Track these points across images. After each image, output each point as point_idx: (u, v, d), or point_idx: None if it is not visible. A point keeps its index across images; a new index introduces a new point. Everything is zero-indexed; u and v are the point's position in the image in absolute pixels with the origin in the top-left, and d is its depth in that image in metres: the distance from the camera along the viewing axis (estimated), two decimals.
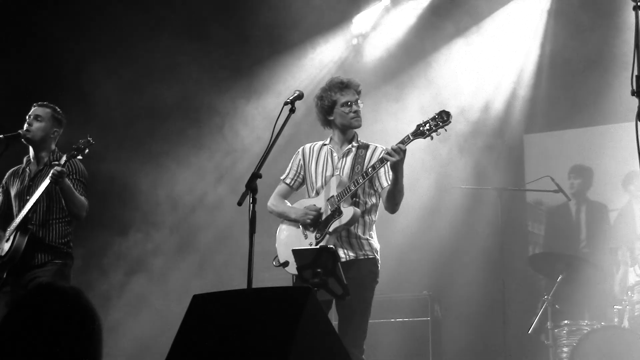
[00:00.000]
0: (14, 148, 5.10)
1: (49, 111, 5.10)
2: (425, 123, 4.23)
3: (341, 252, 4.39)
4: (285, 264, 4.41)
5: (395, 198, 4.37)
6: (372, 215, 4.54)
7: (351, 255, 4.43)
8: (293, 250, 4.10)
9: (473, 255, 7.65)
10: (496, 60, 7.84)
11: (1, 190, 5.22)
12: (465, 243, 7.71)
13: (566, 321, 6.15)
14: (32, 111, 5.10)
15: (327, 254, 3.88)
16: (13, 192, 5.11)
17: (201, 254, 7.95)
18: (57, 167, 4.75)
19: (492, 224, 7.20)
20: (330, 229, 4.38)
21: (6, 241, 4.91)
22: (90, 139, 4.89)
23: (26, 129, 5.05)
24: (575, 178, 7.77)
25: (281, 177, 4.75)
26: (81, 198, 4.96)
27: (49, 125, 5.09)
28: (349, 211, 4.37)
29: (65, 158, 4.85)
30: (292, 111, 4.29)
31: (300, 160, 4.70)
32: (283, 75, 7.93)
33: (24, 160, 5.21)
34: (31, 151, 5.15)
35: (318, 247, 4.19)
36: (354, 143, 4.60)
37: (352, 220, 4.37)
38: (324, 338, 3.13)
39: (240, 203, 3.88)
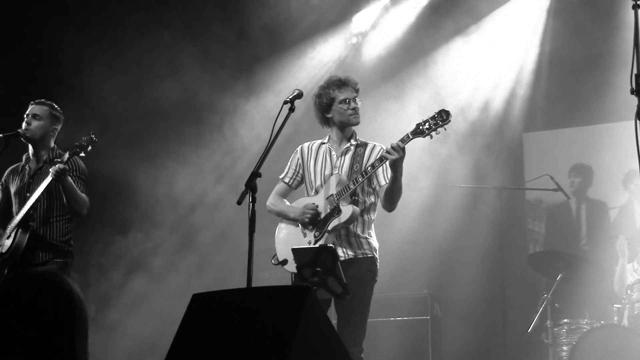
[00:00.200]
0: (13, 146, 5.09)
1: (47, 109, 5.10)
2: (424, 122, 4.22)
3: (340, 251, 4.39)
4: (283, 262, 4.41)
5: (393, 197, 4.37)
6: (371, 213, 4.54)
7: (350, 254, 4.43)
8: (293, 249, 4.10)
9: (473, 254, 7.64)
10: (495, 59, 7.83)
11: (1, 188, 5.22)
12: (464, 242, 7.70)
13: (566, 320, 6.14)
14: (30, 109, 5.10)
15: (327, 253, 3.88)
16: (13, 190, 5.11)
17: (201, 253, 7.95)
18: (60, 165, 4.75)
19: (492, 223, 7.19)
20: (329, 228, 4.38)
21: (7, 238, 4.91)
22: (92, 136, 4.90)
23: (25, 128, 5.05)
24: (575, 176, 7.77)
25: (280, 176, 4.75)
26: (82, 195, 4.97)
27: (48, 123, 5.09)
28: (348, 210, 4.37)
29: (67, 155, 4.85)
30: (292, 110, 4.28)
31: (298, 159, 4.70)
32: (282, 74, 7.93)
33: (23, 158, 5.21)
34: (30, 149, 5.15)
35: (317, 246, 4.19)
36: (353, 141, 4.60)
37: (351, 218, 4.37)
38: (324, 337, 3.13)
39: (239, 202, 3.88)
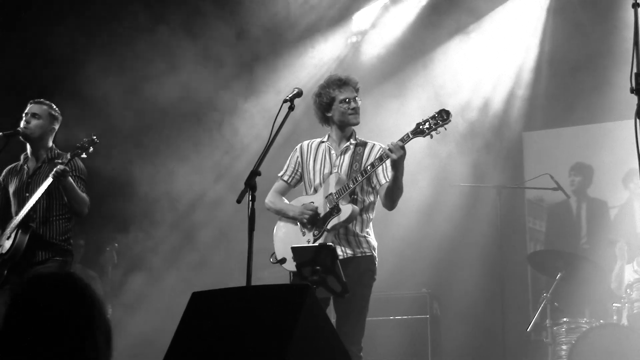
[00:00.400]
0: (10, 145, 5.09)
1: (46, 108, 5.10)
2: (425, 122, 4.22)
3: (339, 250, 4.38)
4: (282, 261, 4.40)
5: (393, 196, 4.37)
6: (370, 212, 4.54)
7: (349, 252, 4.43)
8: (292, 247, 4.10)
9: (472, 253, 7.64)
10: (495, 58, 7.83)
11: None
12: (464, 241, 7.70)
13: (565, 319, 6.14)
14: (29, 109, 5.10)
15: (326, 252, 3.88)
16: (11, 190, 5.10)
17: (200, 252, 7.95)
18: (61, 166, 4.75)
19: (491, 222, 7.19)
20: (328, 227, 4.38)
21: (7, 239, 4.91)
22: (94, 138, 4.90)
23: (24, 127, 5.04)
24: (575, 175, 7.77)
25: (279, 174, 4.75)
26: (83, 195, 4.97)
27: (47, 122, 5.09)
28: (348, 209, 4.37)
29: (69, 156, 4.85)
30: (291, 109, 4.28)
31: (298, 157, 4.70)
32: (282, 73, 7.92)
33: (22, 157, 5.20)
34: (28, 148, 5.14)
35: (317, 245, 4.19)
36: (352, 140, 4.60)
37: (351, 217, 4.37)
38: (323, 335, 3.13)
39: (239, 201, 3.88)
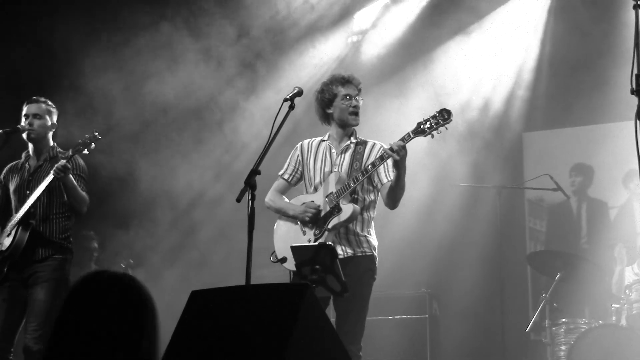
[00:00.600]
0: (10, 142, 5.09)
1: (44, 106, 5.11)
2: (426, 121, 4.22)
3: (339, 249, 4.38)
4: (283, 260, 4.40)
5: (396, 195, 4.38)
6: (371, 212, 4.54)
7: (349, 252, 4.43)
8: (292, 246, 4.10)
9: (471, 253, 7.64)
10: (496, 58, 7.83)
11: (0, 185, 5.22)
12: (463, 241, 7.70)
13: (564, 319, 6.14)
14: (28, 109, 5.07)
15: (326, 251, 3.88)
16: (12, 187, 5.10)
17: (200, 250, 7.95)
18: (62, 162, 4.75)
19: (491, 222, 7.19)
20: (329, 226, 4.38)
21: (7, 236, 4.91)
22: (96, 134, 4.90)
23: (30, 129, 5.03)
24: (576, 176, 7.77)
25: (279, 173, 4.75)
26: (83, 194, 4.97)
27: (48, 119, 5.10)
28: (349, 208, 4.37)
29: (70, 153, 4.85)
30: (292, 108, 4.28)
31: (298, 156, 4.70)
32: (283, 72, 7.91)
33: (23, 155, 5.20)
34: (30, 146, 5.14)
35: (317, 244, 4.19)
36: (352, 139, 4.60)
37: (352, 217, 4.37)
38: (322, 335, 3.13)
39: (239, 199, 3.88)
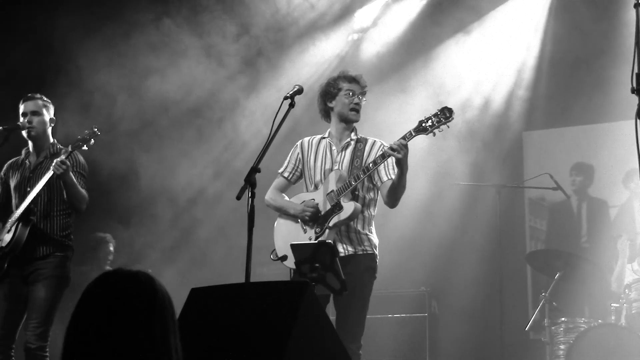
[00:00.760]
0: (10, 139, 5.09)
1: (41, 102, 5.10)
2: (427, 119, 4.22)
3: (340, 247, 4.39)
4: (283, 258, 4.39)
5: (397, 193, 4.37)
6: (371, 209, 4.54)
7: (350, 250, 4.43)
8: (291, 244, 4.10)
9: (471, 252, 7.64)
10: (496, 57, 7.82)
11: (0, 182, 5.21)
12: (463, 239, 7.70)
13: (563, 318, 6.14)
14: (26, 107, 5.06)
15: (326, 249, 3.88)
16: (13, 184, 5.09)
17: (200, 248, 7.94)
18: (62, 158, 4.73)
19: (491, 221, 7.18)
20: (330, 224, 4.37)
21: (7, 232, 4.90)
22: (95, 130, 4.89)
23: (30, 127, 5.02)
24: (577, 175, 7.77)
25: (279, 171, 4.74)
26: (82, 191, 4.96)
27: (46, 115, 5.09)
28: (350, 206, 4.36)
29: (70, 149, 4.84)
30: (292, 106, 4.29)
31: (298, 153, 4.69)
32: (284, 70, 7.91)
33: (23, 152, 5.19)
34: (30, 143, 5.13)
35: (316, 242, 4.19)
36: (353, 136, 4.59)
37: (353, 215, 4.36)
38: (321, 333, 3.13)
39: (239, 197, 3.88)
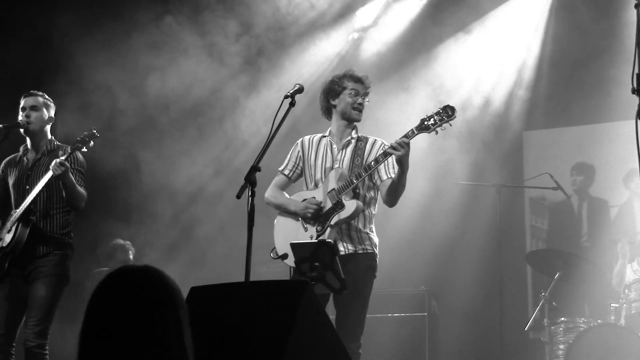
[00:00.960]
0: (8, 136, 5.09)
1: (41, 99, 5.10)
2: (429, 117, 4.21)
3: (340, 246, 4.38)
4: (284, 257, 4.38)
5: (397, 192, 4.37)
6: (372, 208, 4.53)
7: (350, 249, 4.42)
8: (291, 243, 4.10)
9: (471, 251, 7.65)
10: (497, 56, 7.82)
11: None
12: (463, 239, 7.70)
13: (563, 318, 6.14)
14: (25, 102, 5.06)
15: (325, 248, 3.88)
16: (11, 182, 5.09)
17: (199, 247, 7.94)
18: (61, 159, 4.73)
19: (491, 221, 7.19)
20: (332, 222, 4.36)
21: (8, 232, 4.90)
22: (94, 131, 4.88)
23: (27, 122, 5.02)
24: (577, 175, 7.78)
25: (279, 168, 4.73)
26: (81, 190, 4.96)
27: (45, 112, 5.09)
28: (352, 204, 4.35)
29: (69, 150, 4.84)
30: (292, 105, 4.29)
31: (299, 151, 4.69)
32: (284, 69, 7.91)
33: (21, 149, 5.18)
34: (28, 140, 5.12)
35: (316, 241, 4.18)
36: (354, 135, 4.59)
37: (355, 213, 4.35)
38: (321, 331, 3.13)
39: (239, 196, 3.88)
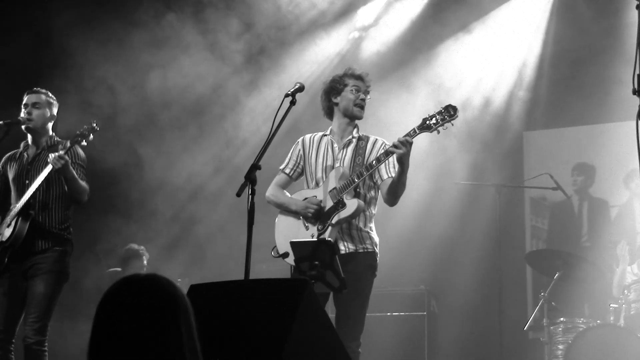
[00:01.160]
0: (10, 133, 5.09)
1: (44, 96, 5.11)
2: (431, 117, 4.21)
3: (341, 245, 4.38)
4: (285, 255, 4.38)
5: (397, 191, 4.37)
6: (372, 207, 4.53)
7: (351, 248, 4.42)
8: (291, 242, 4.10)
9: (471, 251, 7.65)
10: (497, 56, 7.82)
11: None
12: (462, 239, 7.71)
13: (562, 318, 6.14)
14: (28, 99, 5.08)
15: (325, 247, 3.88)
16: (11, 177, 5.09)
17: (199, 245, 7.94)
18: (60, 153, 4.73)
19: (490, 220, 7.19)
20: (333, 221, 4.35)
21: (7, 227, 4.90)
22: (94, 125, 4.89)
23: (28, 118, 5.03)
24: (578, 175, 7.78)
25: (280, 167, 4.73)
26: (83, 184, 4.97)
27: (47, 110, 5.10)
28: (353, 203, 4.35)
29: (68, 144, 4.84)
30: (293, 103, 4.28)
31: (300, 150, 4.68)
32: (285, 67, 7.91)
33: (21, 145, 5.19)
34: (29, 137, 5.14)
35: (316, 240, 4.18)
36: (355, 134, 4.59)
37: (357, 212, 4.35)
38: (320, 330, 3.13)
39: (239, 194, 3.88)
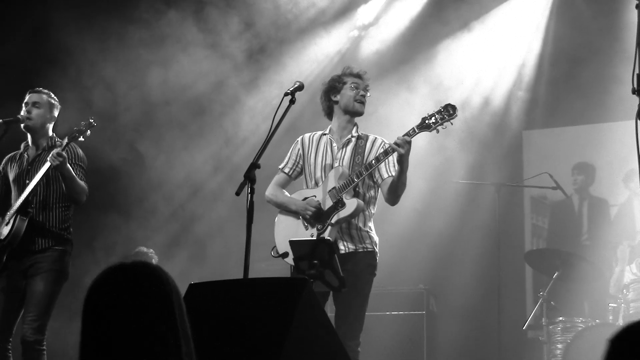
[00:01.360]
0: (10, 132, 5.09)
1: (45, 97, 5.10)
2: (430, 116, 4.22)
3: (341, 245, 4.38)
4: (284, 255, 4.38)
5: (397, 190, 4.37)
6: (372, 207, 4.53)
7: (350, 247, 4.42)
8: (290, 241, 4.10)
9: (470, 250, 7.65)
10: (497, 55, 7.82)
11: None
12: (462, 238, 7.70)
13: (561, 318, 6.15)
14: (29, 98, 5.07)
15: (324, 246, 3.88)
16: (11, 177, 5.09)
17: (198, 243, 7.94)
18: (58, 150, 4.73)
19: (490, 220, 7.19)
20: (332, 221, 4.35)
21: (6, 225, 4.90)
22: (92, 121, 4.89)
23: (27, 117, 5.02)
24: (578, 174, 7.78)
25: (279, 166, 4.73)
26: (81, 183, 4.96)
27: (47, 110, 5.09)
28: (352, 203, 4.35)
29: (66, 140, 4.83)
30: (292, 102, 4.29)
31: (299, 149, 4.68)
32: (284, 66, 7.90)
33: (22, 146, 5.19)
34: (29, 137, 5.13)
35: (315, 239, 4.19)
36: (354, 133, 4.59)
37: (356, 211, 4.35)
38: (319, 329, 3.13)
39: (238, 193, 3.88)
